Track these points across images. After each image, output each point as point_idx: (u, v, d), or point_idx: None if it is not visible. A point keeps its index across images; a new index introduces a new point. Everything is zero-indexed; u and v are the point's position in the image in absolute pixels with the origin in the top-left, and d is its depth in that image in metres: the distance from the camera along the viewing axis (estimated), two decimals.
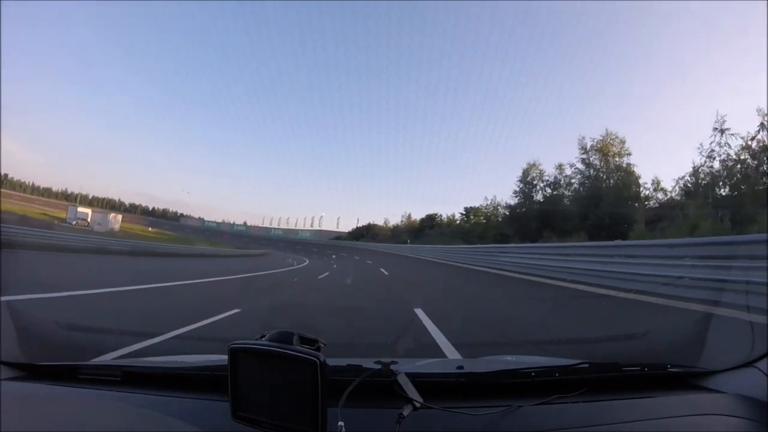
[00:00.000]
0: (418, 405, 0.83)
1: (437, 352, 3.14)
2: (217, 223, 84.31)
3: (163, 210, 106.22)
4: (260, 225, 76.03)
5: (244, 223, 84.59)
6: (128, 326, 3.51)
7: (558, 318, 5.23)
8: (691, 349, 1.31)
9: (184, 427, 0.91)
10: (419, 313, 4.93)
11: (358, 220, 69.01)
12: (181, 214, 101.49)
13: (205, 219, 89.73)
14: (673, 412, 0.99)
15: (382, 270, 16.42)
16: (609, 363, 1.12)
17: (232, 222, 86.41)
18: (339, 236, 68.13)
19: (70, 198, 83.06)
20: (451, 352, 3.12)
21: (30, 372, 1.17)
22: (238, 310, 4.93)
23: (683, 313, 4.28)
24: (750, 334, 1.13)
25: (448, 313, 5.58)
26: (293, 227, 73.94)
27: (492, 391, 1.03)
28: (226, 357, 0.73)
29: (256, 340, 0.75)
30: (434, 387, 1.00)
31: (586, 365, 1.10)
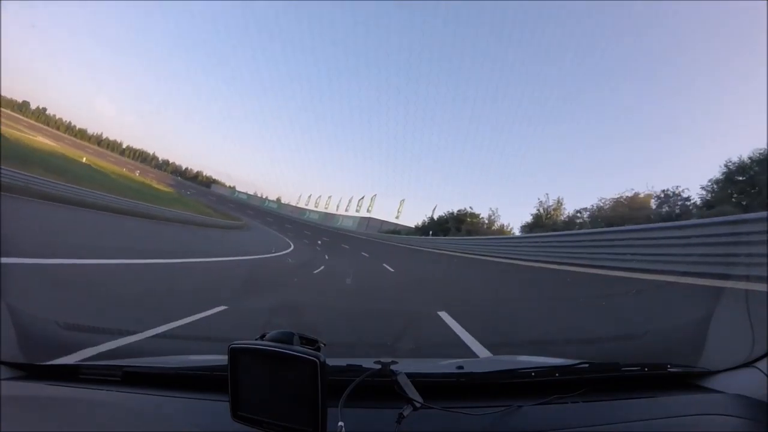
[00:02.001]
0: (418, 405, 0.83)
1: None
2: (248, 196, 71.38)
3: (197, 173, 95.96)
4: (295, 204, 59.87)
5: (278, 200, 68.85)
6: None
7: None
8: (691, 349, 1.31)
9: (184, 427, 0.91)
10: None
11: (435, 208, 45.64)
12: (214, 180, 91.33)
13: (237, 189, 77.90)
14: (673, 412, 0.99)
15: None
16: (609, 363, 1.12)
17: (264, 197, 72.16)
18: (396, 230, 39.87)
19: (102, 144, 79.12)
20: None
21: (30, 372, 1.17)
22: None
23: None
24: (750, 334, 1.13)
25: None
26: (334, 211, 53.55)
27: (492, 391, 1.03)
28: (226, 357, 0.73)
29: (256, 340, 0.75)
30: (434, 387, 1.00)
31: (586, 365, 1.10)
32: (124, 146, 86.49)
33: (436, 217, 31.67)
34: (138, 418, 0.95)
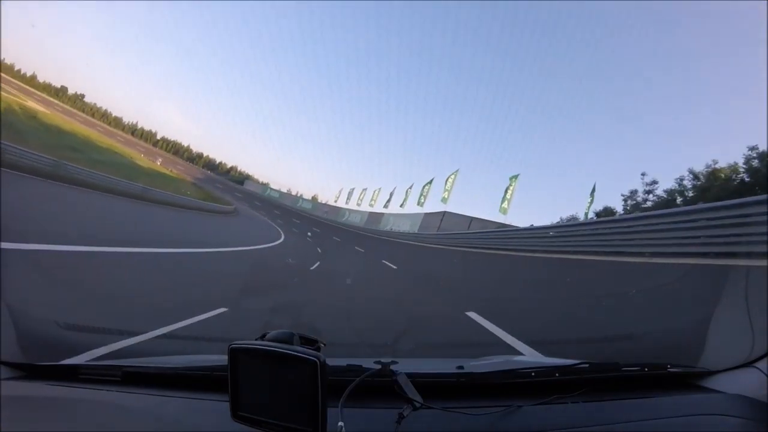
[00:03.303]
0: (418, 405, 0.83)
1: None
2: (280, 194, 61.91)
3: (230, 168, 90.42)
4: (333, 203, 45.91)
5: (313, 198, 58.24)
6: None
7: None
8: (691, 349, 1.31)
9: (184, 427, 0.91)
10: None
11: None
12: (248, 176, 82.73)
13: (270, 186, 68.07)
14: (673, 412, 0.99)
15: None
16: (609, 363, 1.12)
17: (298, 194, 62.54)
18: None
19: (136, 134, 77.70)
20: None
21: (30, 372, 1.17)
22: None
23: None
24: (750, 334, 1.13)
25: None
26: (380, 209, 36.07)
27: (492, 391, 1.03)
28: (226, 357, 0.73)
29: (256, 340, 0.75)
30: (434, 387, 1.00)
31: (586, 365, 1.10)
32: (158, 137, 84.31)
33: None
34: (138, 418, 0.95)
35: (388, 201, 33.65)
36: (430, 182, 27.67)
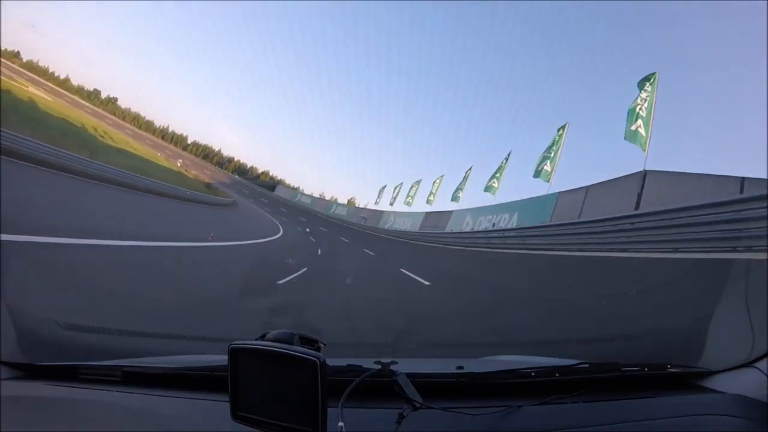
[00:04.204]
0: (417, 405, 0.83)
1: None
2: (312, 199, 54.02)
3: (261, 172, 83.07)
4: (372, 206, 35.02)
5: (350, 202, 49.34)
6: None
7: None
8: (691, 349, 1.31)
9: (184, 427, 0.91)
10: None
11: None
12: (279, 181, 75.30)
13: (301, 191, 60.52)
14: (673, 412, 0.99)
15: None
16: (609, 363, 1.12)
17: (333, 199, 52.98)
18: None
19: (166, 137, 74.77)
20: None
21: (30, 372, 1.17)
22: None
23: None
24: (750, 334, 1.13)
25: None
26: (432, 207, 23.59)
27: (492, 391, 1.03)
28: (226, 357, 0.73)
29: (256, 340, 0.76)
30: (434, 387, 1.00)
31: (586, 365, 1.11)
32: (189, 141, 79.85)
33: None
34: (138, 418, 0.95)
35: (458, 191, 20.54)
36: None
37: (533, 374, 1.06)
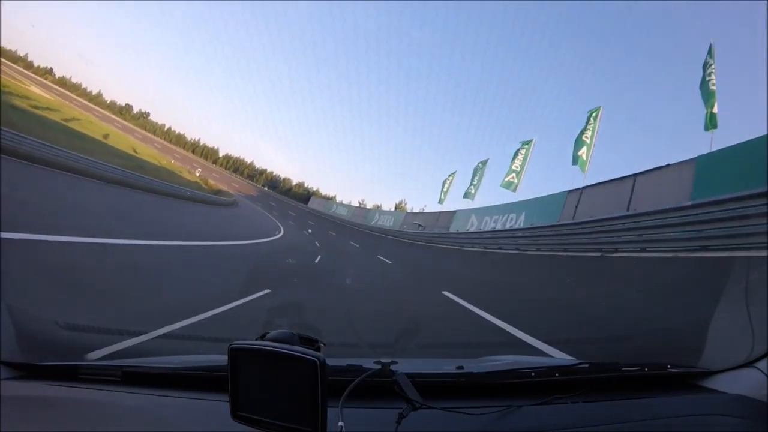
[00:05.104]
0: (417, 405, 0.83)
1: None
2: (350, 208, 45.35)
3: (295, 184, 77.60)
4: (429, 210, 27.45)
5: (399, 207, 45.33)
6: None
7: None
8: (691, 349, 1.31)
9: (184, 427, 0.91)
10: None
11: None
12: (314, 192, 68.84)
13: (337, 201, 53.00)
14: (673, 412, 0.99)
15: None
16: (609, 363, 1.12)
17: (377, 206, 46.98)
18: None
19: (197, 150, 75.68)
20: None
21: (30, 372, 1.17)
22: None
23: None
24: (750, 334, 1.13)
25: None
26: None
27: (492, 391, 1.03)
28: (225, 357, 0.73)
29: (256, 339, 0.76)
30: (434, 387, 1.00)
31: (586, 365, 1.11)
32: (221, 154, 79.97)
33: None
34: (138, 418, 0.95)
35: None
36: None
37: (533, 374, 1.06)
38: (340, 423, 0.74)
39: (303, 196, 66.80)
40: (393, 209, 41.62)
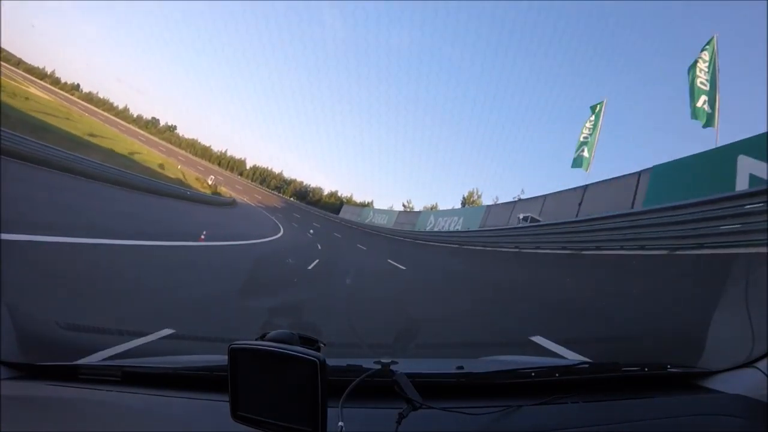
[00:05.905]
0: (417, 405, 0.83)
1: None
2: (390, 215, 35.76)
3: (326, 194, 70.00)
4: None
5: (468, 199, 38.79)
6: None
7: None
8: (691, 349, 1.31)
9: (184, 427, 0.91)
10: None
11: None
12: (347, 200, 61.98)
13: (375, 207, 44.23)
14: (673, 412, 0.99)
15: None
16: (609, 363, 1.12)
17: (429, 207, 38.75)
18: None
19: (222, 162, 74.55)
20: None
21: (30, 372, 1.17)
22: None
23: None
24: (750, 334, 1.13)
25: None
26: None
27: (492, 391, 1.03)
28: (225, 357, 0.73)
29: (256, 340, 0.75)
30: (434, 387, 1.00)
31: (586, 365, 1.11)
32: (248, 166, 77.43)
33: None
34: (138, 418, 0.95)
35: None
36: None
37: (533, 374, 1.06)
38: (340, 423, 0.74)
39: (335, 206, 60.37)
40: (458, 206, 31.97)
